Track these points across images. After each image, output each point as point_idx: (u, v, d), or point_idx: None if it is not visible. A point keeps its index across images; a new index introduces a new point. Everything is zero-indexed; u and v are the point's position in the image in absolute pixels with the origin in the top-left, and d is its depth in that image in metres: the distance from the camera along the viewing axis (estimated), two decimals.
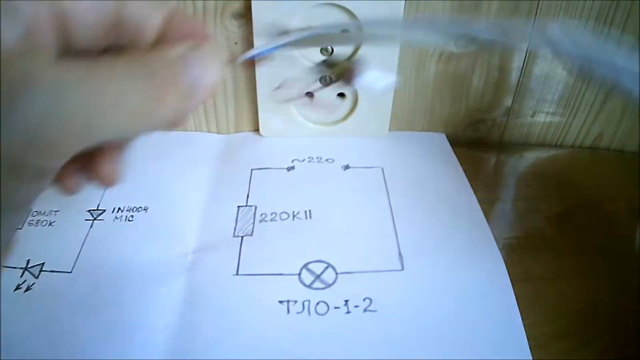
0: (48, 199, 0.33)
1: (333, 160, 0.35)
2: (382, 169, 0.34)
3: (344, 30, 0.32)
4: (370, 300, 0.25)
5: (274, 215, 0.31)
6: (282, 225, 0.30)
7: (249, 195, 0.32)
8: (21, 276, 0.27)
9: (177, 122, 0.18)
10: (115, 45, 0.17)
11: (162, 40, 0.18)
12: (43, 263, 0.28)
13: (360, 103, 0.35)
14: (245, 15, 0.32)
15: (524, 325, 0.24)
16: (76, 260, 0.28)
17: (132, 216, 0.31)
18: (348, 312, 0.25)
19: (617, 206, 0.34)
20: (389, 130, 0.37)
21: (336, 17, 0.31)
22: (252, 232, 0.29)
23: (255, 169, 0.34)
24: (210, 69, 0.18)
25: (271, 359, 0.23)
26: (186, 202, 0.29)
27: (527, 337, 0.23)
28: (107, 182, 0.20)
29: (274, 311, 0.25)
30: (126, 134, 0.17)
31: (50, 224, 0.31)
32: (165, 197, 0.31)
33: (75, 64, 0.14)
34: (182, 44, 0.17)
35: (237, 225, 0.30)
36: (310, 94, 0.36)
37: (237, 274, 0.27)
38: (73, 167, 0.20)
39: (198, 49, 0.17)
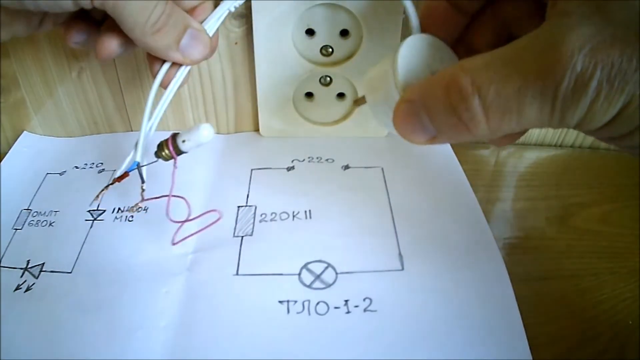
0: (48, 200, 0.33)
1: (333, 160, 0.35)
2: (382, 169, 0.34)
3: (344, 31, 0.32)
4: (370, 300, 0.25)
5: (274, 215, 0.31)
6: (282, 225, 0.30)
7: (249, 195, 0.32)
8: (21, 276, 0.28)
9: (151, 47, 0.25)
10: None
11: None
12: (43, 263, 0.28)
13: None
14: (245, 15, 0.32)
15: (524, 325, 0.24)
16: (76, 260, 0.28)
17: (132, 216, 0.31)
18: (348, 312, 0.25)
19: (617, 206, 0.34)
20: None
21: (336, 17, 0.31)
22: (252, 232, 0.29)
23: (255, 169, 0.34)
24: (199, 50, 0.26)
25: (271, 359, 0.23)
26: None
27: (527, 337, 0.23)
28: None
29: (274, 311, 0.25)
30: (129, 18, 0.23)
31: (50, 225, 0.31)
32: (164, 191, 0.31)
33: None
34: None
35: (237, 225, 0.30)
36: (309, 94, 0.36)
37: (237, 274, 0.27)
38: (81, 28, 0.26)
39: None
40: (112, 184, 0.28)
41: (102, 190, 0.28)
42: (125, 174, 0.27)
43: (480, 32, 0.24)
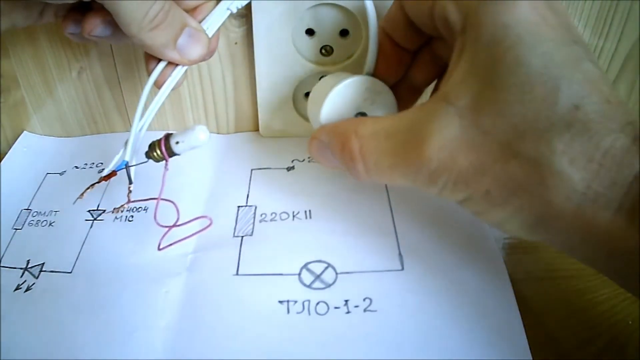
0: (48, 200, 0.33)
1: None
2: None
3: (344, 31, 0.32)
4: (370, 300, 0.25)
5: (274, 215, 0.31)
6: (282, 225, 0.30)
7: (249, 195, 0.32)
8: (21, 276, 0.28)
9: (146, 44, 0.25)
10: None
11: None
12: (43, 263, 0.28)
13: None
14: (245, 15, 0.32)
15: (524, 325, 0.24)
16: (76, 260, 0.28)
17: (132, 216, 0.31)
18: (348, 312, 0.25)
19: None
20: None
21: (336, 17, 0.31)
22: (252, 232, 0.29)
23: (255, 169, 0.34)
24: (197, 50, 0.26)
25: (271, 359, 0.23)
26: (186, 202, 0.29)
27: (527, 337, 0.23)
28: (86, 30, 0.25)
29: (274, 311, 0.25)
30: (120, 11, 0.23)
31: (50, 224, 0.31)
32: (164, 197, 0.31)
33: None
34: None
35: (237, 225, 0.30)
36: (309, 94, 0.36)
37: (237, 274, 0.27)
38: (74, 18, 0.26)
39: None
40: (98, 182, 0.27)
41: (87, 188, 0.27)
42: (112, 173, 0.26)
43: (420, 69, 0.28)
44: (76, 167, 0.35)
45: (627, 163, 0.18)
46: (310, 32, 0.32)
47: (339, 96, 0.26)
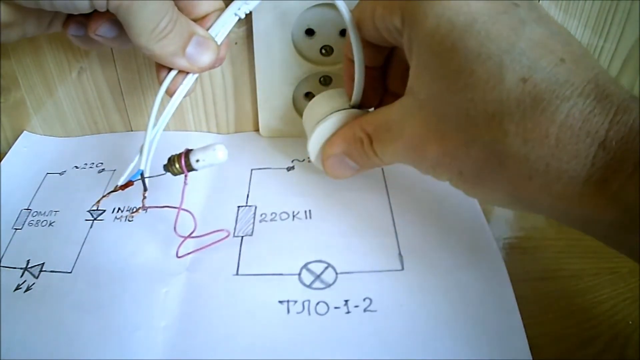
0: (48, 200, 0.33)
1: None
2: (382, 169, 0.34)
3: (344, 31, 0.32)
4: (370, 300, 0.25)
5: (274, 215, 0.31)
6: (282, 225, 0.30)
7: (249, 195, 0.32)
8: (21, 276, 0.28)
9: (153, 52, 0.25)
10: None
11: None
12: (43, 263, 0.28)
13: None
14: (245, 15, 0.32)
15: (524, 325, 0.24)
16: (76, 260, 0.28)
17: (132, 216, 0.31)
18: (348, 312, 0.25)
19: None
20: None
21: (336, 17, 0.31)
22: (252, 232, 0.29)
23: (255, 169, 0.34)
24: (206, 57, 0.26)
25: (271, 359, 0.23)
26: (186, 202, 0.29)
27: (527, 337, 0.23)
28: (91, 30, 0.25)
29: (274, 311, 0.25)
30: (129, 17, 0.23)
31: (50, 224, 0.31)
32: (164, 197, 0.31)
33: None
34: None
35: (237, 225, 0.30)
36: (309, 94, 0.36)
37: (237, 274, 0.27)
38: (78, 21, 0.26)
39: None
40: (114, 191, 0.28)
41: (104, 196, 0.28)
42: (129, 183, 0.27)
43: (395, 77, 0.29)
44: (76, 167, 0.35)
45: (588, 131, 0.17)
46: (310, 32, 0.32)
47: (325, 130, 0.28)
